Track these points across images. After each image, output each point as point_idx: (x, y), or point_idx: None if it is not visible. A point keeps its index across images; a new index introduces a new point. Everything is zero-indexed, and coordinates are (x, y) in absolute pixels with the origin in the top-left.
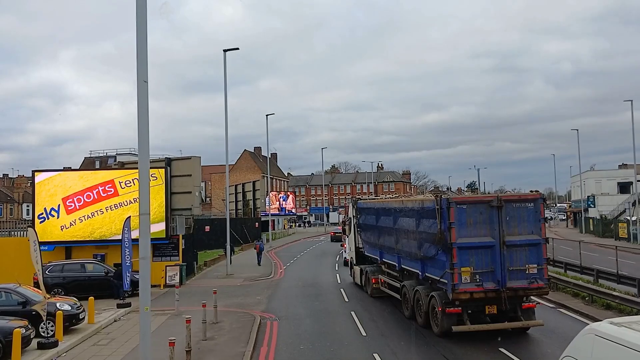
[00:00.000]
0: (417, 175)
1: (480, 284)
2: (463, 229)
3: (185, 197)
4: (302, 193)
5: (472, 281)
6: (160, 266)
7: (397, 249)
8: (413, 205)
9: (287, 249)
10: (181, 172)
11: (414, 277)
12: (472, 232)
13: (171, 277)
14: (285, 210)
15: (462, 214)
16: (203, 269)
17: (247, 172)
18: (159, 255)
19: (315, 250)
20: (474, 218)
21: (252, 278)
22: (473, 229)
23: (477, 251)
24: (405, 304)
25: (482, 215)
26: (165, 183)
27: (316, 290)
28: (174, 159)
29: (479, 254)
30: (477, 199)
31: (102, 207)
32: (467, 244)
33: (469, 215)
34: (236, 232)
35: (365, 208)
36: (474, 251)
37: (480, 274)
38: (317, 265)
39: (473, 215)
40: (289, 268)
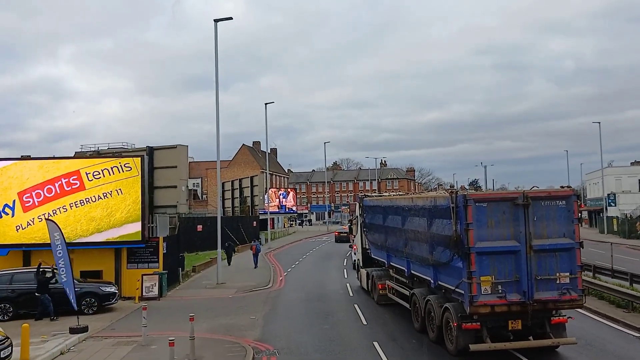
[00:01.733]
0: (421, 172)
1: (502, 296)
2: (483, 230)
3: (170, 193)
4: (302, 190)
5: (494, 292)
6: (135, 275)
7: (406, 252)
8: (424, 204)
9: (287, 251)
10: (165, 163)
11: (425, 285)
12: (493, 235)
13: (149, 288)
14: (285, 208)
15: (481, 214)
16: (191, 276)
17: (246, 168)
18: (134, 262)
19: (319, 252)
20: (495, 218)
21: (247, 288)
22: (495, 230)
23: (500, 257)
24: (415, 314)
25: (505, 215)
26: (141, 175)
27: (324, 305)
28: (156, 148)
29: (502, 260)
30: (499, 195)
31: (65, 203)
32: (488, 248)
33: (489, 215)
34: (232, 231)
35: (372, 206)
36: (495, 257)
37: (503, 284)
38: (322, 271)
39: (495, 214)
40: (291, 275)
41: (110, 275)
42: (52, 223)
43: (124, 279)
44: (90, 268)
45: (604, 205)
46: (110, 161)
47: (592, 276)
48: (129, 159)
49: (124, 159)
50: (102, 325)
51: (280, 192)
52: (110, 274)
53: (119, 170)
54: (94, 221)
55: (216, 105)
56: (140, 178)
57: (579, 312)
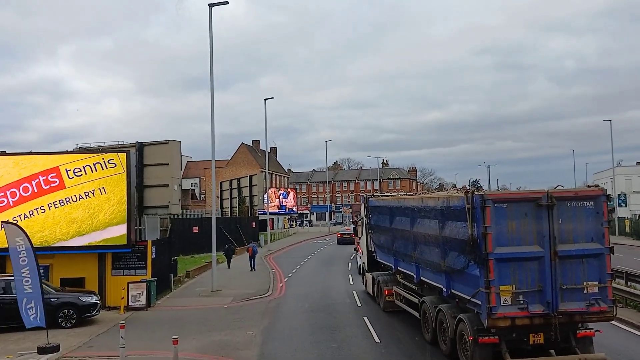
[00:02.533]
0: (423, 172)
1: (524, 307)
2: (502, 234)
3: (161, 192)
4: (302, 190)
5: (514, 303)
6: (120, 282)
7: (415, 257)
8: (435, 204)
9: (288, 254)
10: (156, 160)
11: (436, 293)
12: (514, 239)
13: (135, 298)
14: (285, 209)
15: (501, 216)
16: (184, 282)
17: (245, 167)
18: (119, 268)
19: (321, 255)
20: (516, 221)
21: (245, 296)
22: (515, 234)
23: (521, 264)
24: (425, 324)
25: (526, 217)
26: (127, 172)
27: (330, 318)
28: (146, 144)
29: (523, 267)
30: (520, 195)
31: (43, 203)
32: (508, 254)
33: (510, 217)
34: (230, 233)
35: (378, 207)
36: (516, 264)
37: (525, 293)
38: (326, 277)
39: (515, 216)
40: (292, 280)
41: (94, 283)
42: (12, 227)
43: (109, 286)
44: (72, 275)
45: (614, 205)
46: (93, 157)
47: (625, 284)
48: (113, 154)
49: (107, 154)
50: (79, 341)
51: (280, 192)
52: (93, 281)
53: (103, 166)
54: (74, 223)
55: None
56: (126, 175)
57: (609, 323)
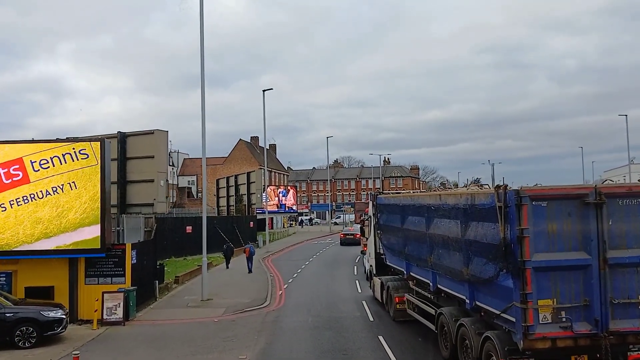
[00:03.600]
0: (425, 170)
1: (567, 326)
2: (542, 239)
3: (146, 188)
4: (302, 189)
5: (556, 321)
6: (94, 292)
7: (432, 262)
8: (457, 202)
9: (288, 255)
10: (140, 152)
11: (456, 303)
12: (555, 244)
13: (111, 310)
14: (285, 207)
15: (540, 216)
16: (172, 289)
17: (243, 164)
18: (94, 275)
19: (324, 257)
20: (558, 222)
21: (239, 307)
22: (557, 238)
23: (564, 274)
24: (442, 339)
25: (570, 218)
26: (102, 164)
27: (339, 338)
28: (130, 134)
29: (566, 278)
30: (563, 191)
31: (4, 200)
32: (549, 262)
33: (551, 218)
34: (226, 233)
35: (388, 205)
36: (558, 274)
37: (568, 309)
38: (330, 283)
39: (557, 217)
40: (292, 287)
41: (64, 293)
42: None
43: (82, 296)
44: (38, 283)
45: None
46: (62, 146)
47: None
48: (84, 143)
49: (79, 143)
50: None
51: (279, 190)
52: (63, 291)
53: (73, 157)
54: (40, 223)
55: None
56: (100, 168)
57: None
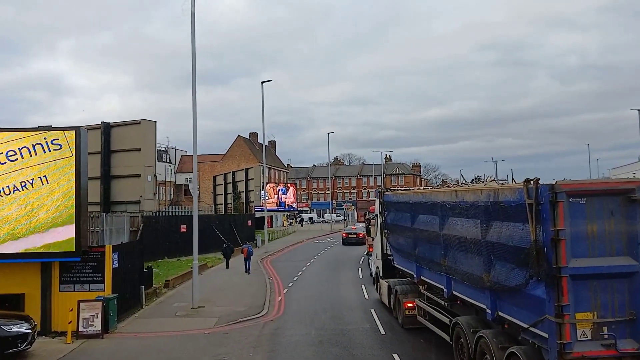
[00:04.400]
0: (427, 168)
1: (611, 344)
2: (580, 241)
3: (132, 184)
4: (302, 186)
5: (596, 338)
6: (70, 300)
7: (446, 265)
8: (476, 199)
9: (287, 256)
10: (126, 144)
11: (474, 311)
12: (596, 249)
13: (88, 321)
14: (284, 205)
15: (578, 215)
16: (161, 294)
17: (242, 161)
18: (69, 282)
19: (325, 258)
20: (599, 222)
21: (233, 316)
22: (598, 242)
23: (606, 283)
24: (459, 352)
25: (613, 217)
26: (77, 156)
27: (347, 355)
28: (114, 125)
29: (609, 287)
30: (606, 186)
31: None
32: (588, 269)
33: (590, 217)
34: (223, 232)
35: (396, 202)
36: (599, 283)
37: (611, 324)
38: (334, 287)
39: (598, 216)
40: (292, 292)
41: (36, 301)
42: None
43: (56, 305)
44: (7, 291)
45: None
46: (31, 136)
47: None
48: (57, 132)
49: (51, 132)
50: None
51: (279, 188)
52: (35, 299)
53: (44, 149)
54: (7, 223)
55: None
56: (76, 160)
57: None
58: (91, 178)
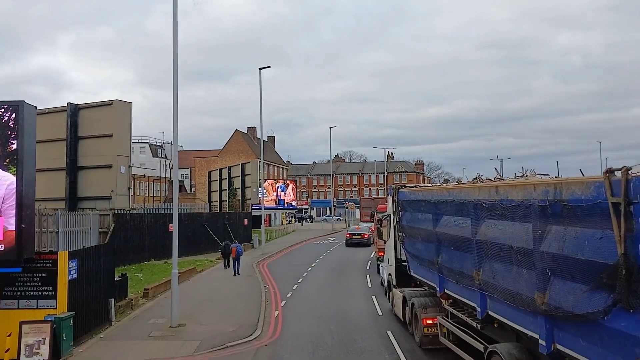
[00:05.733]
0: (430, 166)
1: None
2: None
3: (103, 176)
4: (302, 184)
5: None
6: (10, 322)
7: (480, 279)
8: (528, 197)
9: (286, 259)
10: (96, 129)
11: (515, 336)
12: None
13: (32, 348)
14: (283, 203)
15: None
16: (137, 306)
17: (239, 157)
18: (12, 297)
19: (329, 262)
20: None
21: (219, 339)
22: None
23: None
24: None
25: None
26: (19, 141)
27: None
28: (83, 107)
29: None
30: None
31: None
32: None
33: None
34: (216, 231)
35: (414, 201)
36: None
37: None
38: (340, 299)
39: None
40: (292, 306)
41: None
42: None
43: None
44: None
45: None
46: None
47: None
48: None
49: None
50: None
51: (278, 185)
52: None
53: None
54: None
55: (174, 38)
56: (18, 145)
57: None
58: (55, 169)
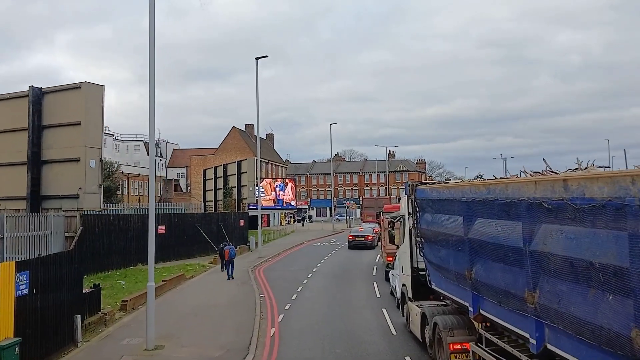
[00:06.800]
0: (431, 165)
1: None
2: None
3: (70, 171)
4: (301, 183)
5: None
6: None
7: (537, 302)
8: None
9: (285, 263)
10: (62, 117)
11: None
12: None
13: None
14: (282, 203)
15: None
16: (111, 322)
17: (236, 155)
18: None
19: (330, 266)
20: None
21: None
22: None
23: None
24: None
25: None
26: None
27: None
28: (47, 90)
29: None
30: None
31: None
32: None
33: None
34: (209, 233)
35: (437, 200)
36: None
37: None
38: (346, 313)
39: None
40: (291, 320)
41: None
42: None
43: None
44: None
45: None
46: None
47: None
48: None
49: None
50: None
51: (276, 184)
52: None
53: None
54: None
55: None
56: None
57: None
58: (15, 164)
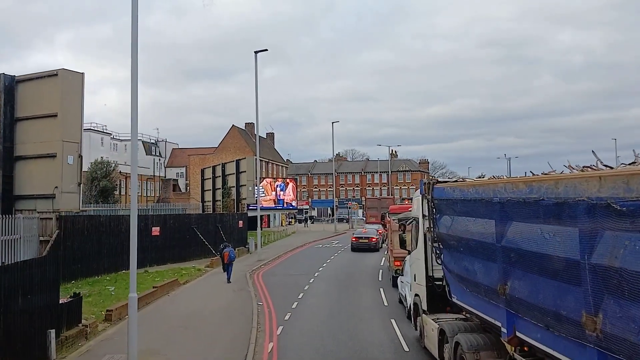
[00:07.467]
0: (434, 165)
1: None
2: None
3: (45, 168)
4: (302, 183)
5: None
6: None
7: (599, 329)
8: None
9: (285, 267)
10: (36, 108)
11: None
12: None
13: None
14: (283, 203)
15: None
16: (93, 335)
17: (236, 154)
18: None
19: (333, 270)
20: None
21: None
22: None
23: None
24: None
25: None
26: None
27: None
28: (21, 79)
29: None
30: None
31: None
32: None
33: None
34: (207, 235)
35: (459, 200)
36: None
37: None
38: (352, 325)
39: None
40: (291, 333)
41: None
42: None
43: None
44: None
45: None
46: None
47: None
48: None
49: None
50: None
51: (277, 184)
52: None
53: None
54: None
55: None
56: None
57: None
58: None
